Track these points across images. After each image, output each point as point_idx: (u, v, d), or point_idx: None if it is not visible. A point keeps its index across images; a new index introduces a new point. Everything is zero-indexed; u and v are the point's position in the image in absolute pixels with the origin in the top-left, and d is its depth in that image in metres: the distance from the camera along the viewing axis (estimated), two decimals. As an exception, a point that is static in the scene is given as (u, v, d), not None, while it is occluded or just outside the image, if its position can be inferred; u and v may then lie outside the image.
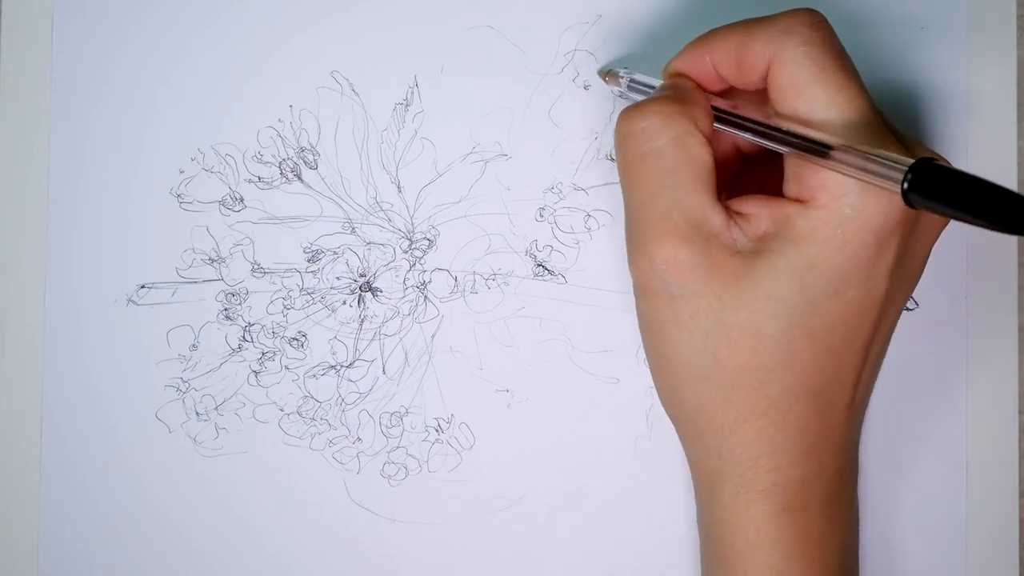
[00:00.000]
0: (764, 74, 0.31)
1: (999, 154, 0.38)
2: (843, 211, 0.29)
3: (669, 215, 0.30)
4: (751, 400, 0.30)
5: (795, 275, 0.29)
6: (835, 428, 0.31)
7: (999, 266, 0.38)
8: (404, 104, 0.38)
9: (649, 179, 0.31)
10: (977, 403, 0.37)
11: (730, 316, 0.30)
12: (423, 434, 0.38)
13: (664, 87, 0.33)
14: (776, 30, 0.30)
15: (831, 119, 0.29)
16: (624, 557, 0.37)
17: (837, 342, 0.30)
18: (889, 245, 0.30)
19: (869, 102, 0.30)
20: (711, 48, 0.32)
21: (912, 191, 0.26)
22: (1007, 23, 0.38)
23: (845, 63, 0.30)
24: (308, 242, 0.38)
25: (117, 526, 0.38)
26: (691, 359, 0.31)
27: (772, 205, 0.30)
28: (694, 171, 0.30)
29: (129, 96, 0.38)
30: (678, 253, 0.30)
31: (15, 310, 0.38)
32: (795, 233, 0.29)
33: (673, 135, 0.30)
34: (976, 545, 0.37)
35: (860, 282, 0.30)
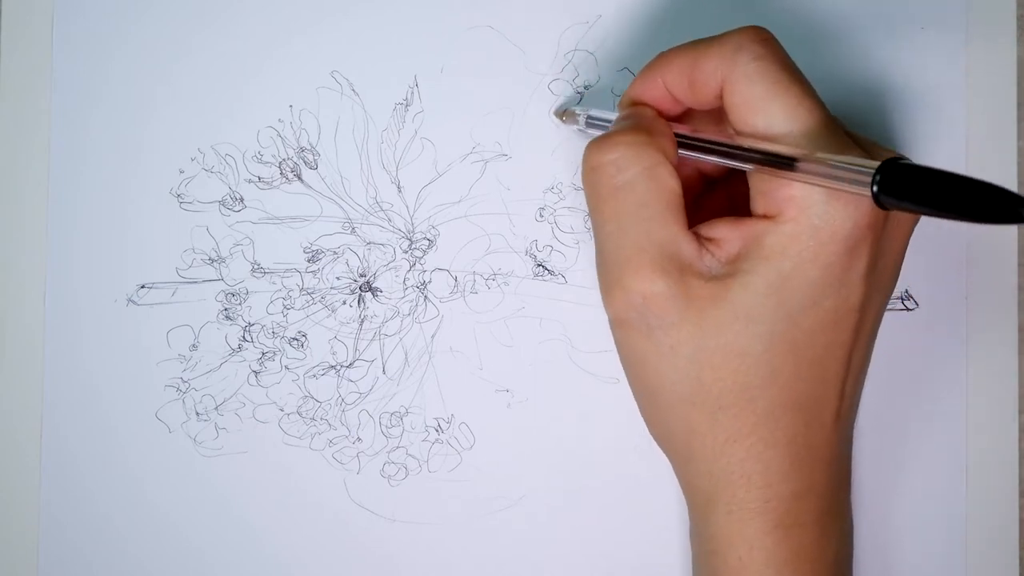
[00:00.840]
0: (718, 93, 0.31)
1: (999, 154, 0.38)
2: (812, 222, 0.29)
3: (643, 248, 0.30)
4: (739, 420, 0.30)
5: (771, 292, 0.29)
6: (824, 441, 0.31)
7: (999, 266, 0.38)
8: (404, 104, 0.38)
9: (621, 212, 0.31)
10: (977, 403, 0.37)
11: (711, 341, 0.30)
12: (423, 434, 0.38)
13: (625, 117, 0.33)
14: (726, 48, 0.30)
15: (791, 131, 0.29)
16: (624, 557, 0.37)
17: (819, 353, 0.30)
18: (861, 251, 0.30)
19: (826, 111, 0.30)
20: (663, 71, 0.32)
21: (882, 192, 0.26)
22: (1007, 23, 0.38)
23: (797, 75, 0.30)
24: (308, 242, 0.38)
25: (117, 526, 0.38)
26: (675, 386, 0.31)
27: (740, 226, 0.30)
28: (665, 202, 0.30)
29: (129, 96, 0.38)
30: (655, 285, 0.30)
31: (15, 310, 0.38)
32: (766, 250, 0.29)
33: (643, 166, 0.31)
34: (976, 545, 0.37)
35: (835, 291, 0.30)
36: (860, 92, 0.38)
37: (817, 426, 0.31)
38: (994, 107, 0.38)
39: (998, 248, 0.38)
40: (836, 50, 0.38)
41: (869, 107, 0.38)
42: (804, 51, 0.38)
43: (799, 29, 0.38)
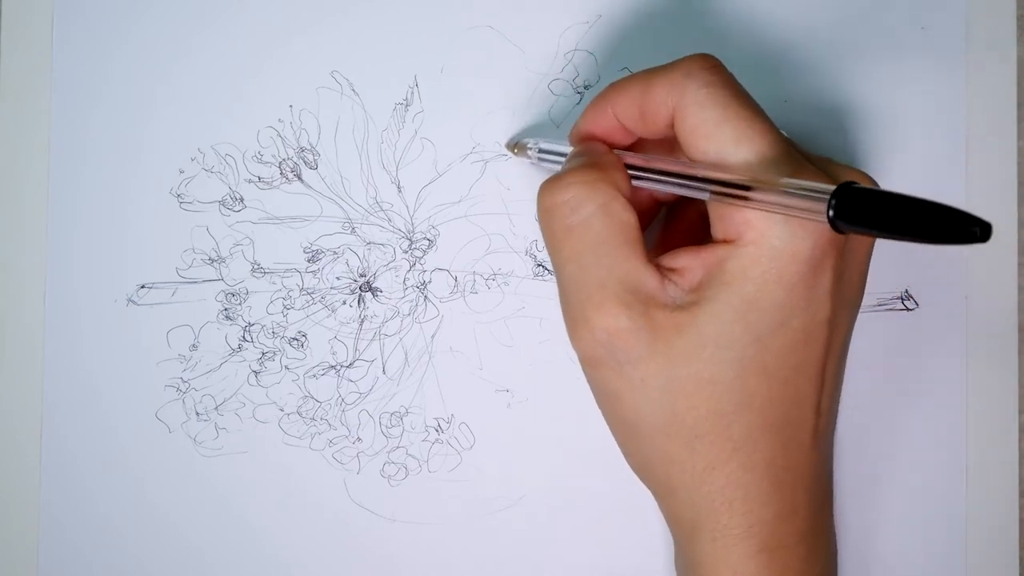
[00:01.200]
0: (669, 121, 0.31)
1: (999, 154, 0.38)
2: (772, 244, 0.29)
3: (604, 284, 0.30)
4: (716, 447, 0.30)
5: (737, 316, 0.29)
6: (803, 460, 0.31)
7: (999, 266, 0.38)
8: (404, 104, 0.38)
9: (579, 251, 0.31)
10: (977, 403, 0.37)
11: (681, 370, 0.30)
12: (423, 434, 0.38)
13: (576, 154, 0.33)
14: (674, 77, 0.30)
15: (744, 156, 0.29)
16: (624, 557, 0.37)
17: (791, 374, 0.30)
18: (824, 269, 0.30)
19: (778, 133, 0.30)
20: (613, 102, 0.32)
21: (838, 217, 0.26)
22: (1007, 23, 0.38)
23: (747, 100, 0.30)
24: (308, 242, 0.38)
25: (117, 526, 0.38)
26: (650, 418, 0.30)
27: (702, 253, 0.30)
28: (623, 236, 0.30)
29: (129, 96, 0.38)
30: (619, 321, 0.30)
31: (15, 310, 0.38)
32: (729, 275, 0.29)
33: (598, 204, 0.31)
34: (976, 545, 0.37)
35: (802, 310, 0.30)
36: (860, 92, 0.38)
37: (795, 447, 0.31)
38: (994, 107, 0.38)
39: (998, 248, 0.38)
40: (836, 50, 0.38)
41: (868, 108, 0.38)
42: (804, 50, 0.38)
43: (799, 28, 0.38)
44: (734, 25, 0.38)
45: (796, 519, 0.31)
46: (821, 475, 0.32)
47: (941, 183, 0.38)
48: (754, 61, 0.38)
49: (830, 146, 0.38)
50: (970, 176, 0.38)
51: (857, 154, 0.38)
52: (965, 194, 0.38)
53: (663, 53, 0.38)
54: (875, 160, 0.38)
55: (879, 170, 0.38)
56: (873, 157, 0.38)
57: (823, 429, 0.32)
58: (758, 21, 0.38)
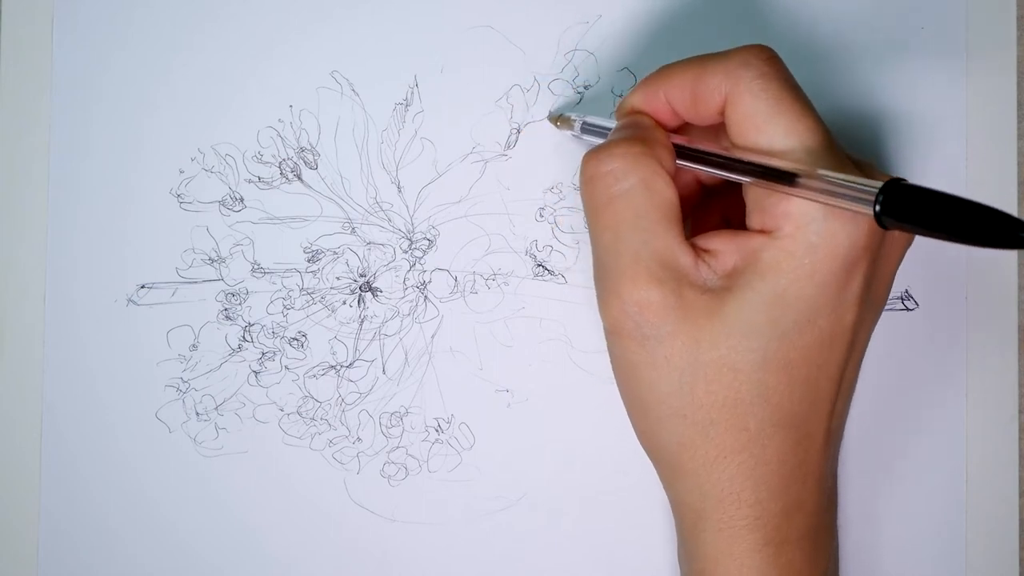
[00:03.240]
0: (719, 108, 0.31)
1: (999, 154, 0.38)
2: (809, 239, 0.29)
3: (640, 257, 0.30)
4: (730, 435, 0.30)
5: (766, 307, 0.29)
6: (813, 459, 0.31)
7: (999, 266, 0.38)
8: (404, 104, 0.38)
9: (618, 222, 0.31)
10: (977, 403, 0.37)
11: (705, 354, 0.30)
12: (423, 434, 0.38)
13: (623, 126, 0.33)
14: (731, 64, 0.30)
15: (792, 148, 0.29)
16: (624, 557, 0.37)
17: (812, 372, 0.30)
18: (857, 271, 0.30)
19: (827, 130, 0.30)
20: (666, 84, 0.32)
21: (885, 213, 0.26)
22: (1007, 23, 0.38)
23: (799, 94, 0.30)
24: (308, 242, 0.38)
25: (117, 526, 0.38)
26: (667, 399, 0.30)
27: (738, 239, 0.30)
28: (662, 212, 0.30)
29: (129, 96, 0.38)
30: (650, 295, 0.30)
31: (15, 310, 0.38)
32: (763, 265, 0.29)
33: (640, 176, 0.31)
34: (976, 545, 0.37)
35: (831, 310, 0.30)
36: (860, 92, 0.38)
37: (808, 444, 0.31)
38: (994, 107, 0.38)
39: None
40: (836, 50, 0.38)
41: (868, 107, 0.38)
42: (804, 50, 0.38)
43: (799, 28, 0.38)
44: (734, 25, 0.38)
45: (803, 515, 0.31)
46: (829, 474, 0.32)
47: (941, 183, 0.38)
48: (754, 61, 0.38)
49: (830, 146, 0.38)
50: (970, 176, 0.38)
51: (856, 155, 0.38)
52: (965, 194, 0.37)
53: (663, 53, 0.38)
54: (875, 160, 0.37)
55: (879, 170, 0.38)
56: (873, 157, 0.38)
57: (835, 431, 0.32)
58: (758, 21, 0.38)
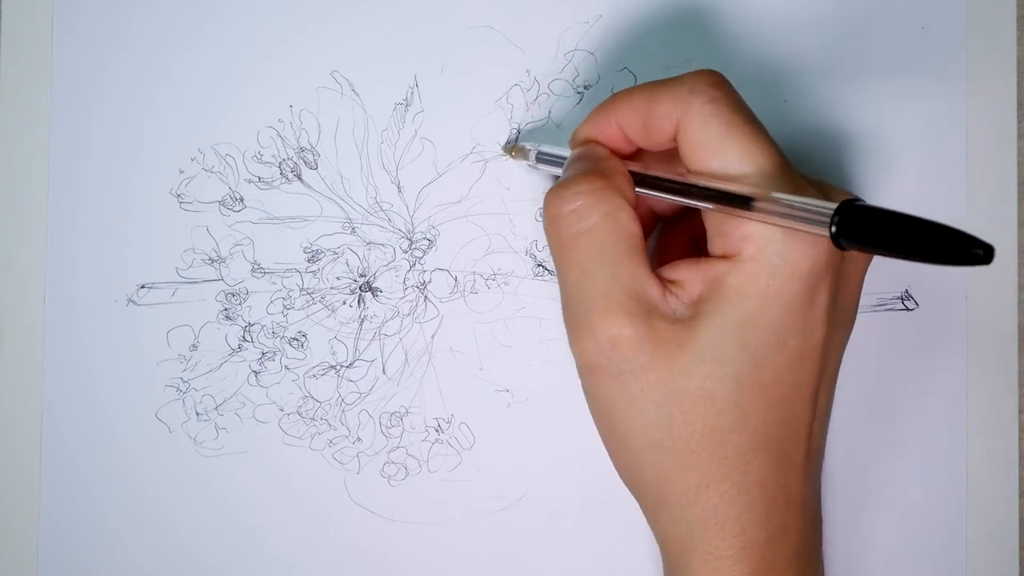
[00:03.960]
0: (672, 135, 0.31)
1: (999, 154, 0.38)
2: (771, 261, 0.29)
3: (609, 292, 0.30)
4: (711, 464, 0.30)
5: (735, 332, 0.29)
6: (794, 483, 0.31)
7: (999, 266, 0.38)
8: (404, 104, 0.38)
9: (585, 259, 0.31)
10: (977, 403, 0.37)
11: (680, 384, 0.30)
12: (423, 434, 0.38)
13: (579, 157, 0.33)
14: (680, 91, 0.30)
15: (746, 172, 0.29)
16: (624, 557, 0.37)
17: (786, 393, 0.30)
18: (821, 288, 0.30)
19: (779, 152, 0.30)
20: (617, 112, 0.32)
21: (840, 234, 0.26)
22: (1007, 23, 0.38)
23: (750, 116, 0.30)
24: (308, 242, 0.38)
25: (117, 526, 0.38)
26: (646, 431, 0.30)
27: (701, 267, 0.30)
28: (628, 245, 0.31)
29: (129, 96, 0.38)
30: (622, 329, 0.30)
31: (15, 310, 0.38)
32: (728, 291, 0.29)
33: (604, 212, 0.31)
34: (976, 545, 0.37)
35: (799, 330, 0.30)
36: (860, 92, 0.38)
37: (788, 468, 0.31)
38: (994, 107, 0.38)
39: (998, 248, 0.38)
40: (836, 50, 0.38)
41: (868, 107, 0.38)
42: (804, 50, 0.38)
43: (799, 28, 0.38)
44: (734, 24, 0.38)
45: (787, 542, 0.31)
46: (811, 498, 0.32)
47: (941, 183, 0.38)
48: (754, 60, 0.38)
49: (829, 147, 0.38)
50: (970, 176, 0.38)
51: (857, 155, 0.38)
52: (965, 194, 0.38)
53: (663, 53, 0.38)
54: (875, 161, 0.38)
55: (879, 171, 0.38)
56: (873, 157, 0.38)
57: (814, 453, 0.32)
58: (758, 20, 0.38)
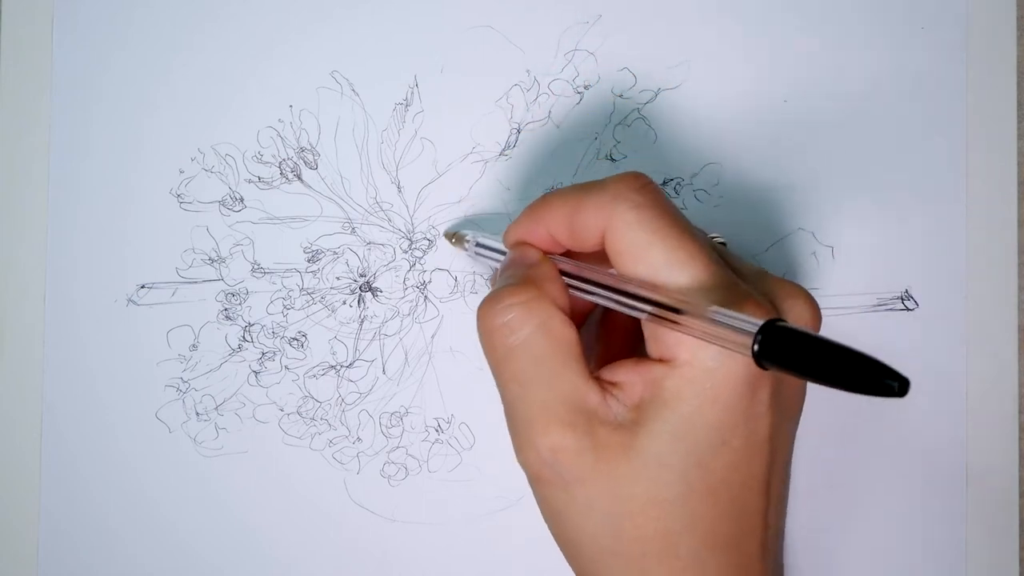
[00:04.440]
0: (599, 240, 0.31)
1: (999, 154, 0.38)
2: (707, 365, 0.29)
3: (547, 405, 0.30)
4: (664, 566, 0.30)
5: (677, 437, 0.29)
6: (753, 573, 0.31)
7: (999, 266, 0.38)
8: (404, 104, 0.38)
9: (521, 371, 0.30)
10: (977, 403, 0.37)
11: (626, 490, 0.29)
12: (423, 434, 0.38)
13: (511, 264, 0.33)
14: (604, 197, 0.30)
15: (675, 280, 0.29)
16: (624, 557, 0.37)
17: (736, 491, 0.30)
18: (762, 386, 0.29)
19: (709, 255, 0.29)
20: (545, 217, 0.32)
21: (762, 356, 0.26)
22: (1007, 23, 0.38)
23: (678, 221, 0.30)
24: (308, 242, 0.38)
25: (117, 526, 0.38)
26: (597, 539, 0.30)
27: (641, 368, 0.30)
28: (564, 354, 0.30)
29: (129, 96, 0.38)
30: (564, 440, 0.30)
31: (15, 310, 0.38)
32: (666, 395, 0.29)
33: (536, 323, 0.30)
34: (976, 545, 0.37)
35: (742, 428, 0.29)
36: (860, 92, 0.38)
37: (745, 562, 0.30)
38: (994, 107, 0.38)
39: (998, 248, 0.38)
40: (836, 49, 0.38)
41: (868, 107, 0.38)
42: (804, 50, 0.38)
43: (799, 27, 0.38)
44: (734, 23, 0.38)
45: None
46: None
47: (941, 183, 0.38)
48: (754, 60, 0.38)
49: (829, 146, 0.38)
50: (970, 176, 0.38)
51: (857, 154, 0.38)
52: (965, 194, 0.38)
53: (663, 53, 0.38)
54: (874, 160, 0.38)
55: (879, 170, 0.38)
56: (872, 158, 0.38)
57: (772, 541, 0.32)
58: (757, 20, 0.38)
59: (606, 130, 0.38)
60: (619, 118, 0.38)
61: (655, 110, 0.38)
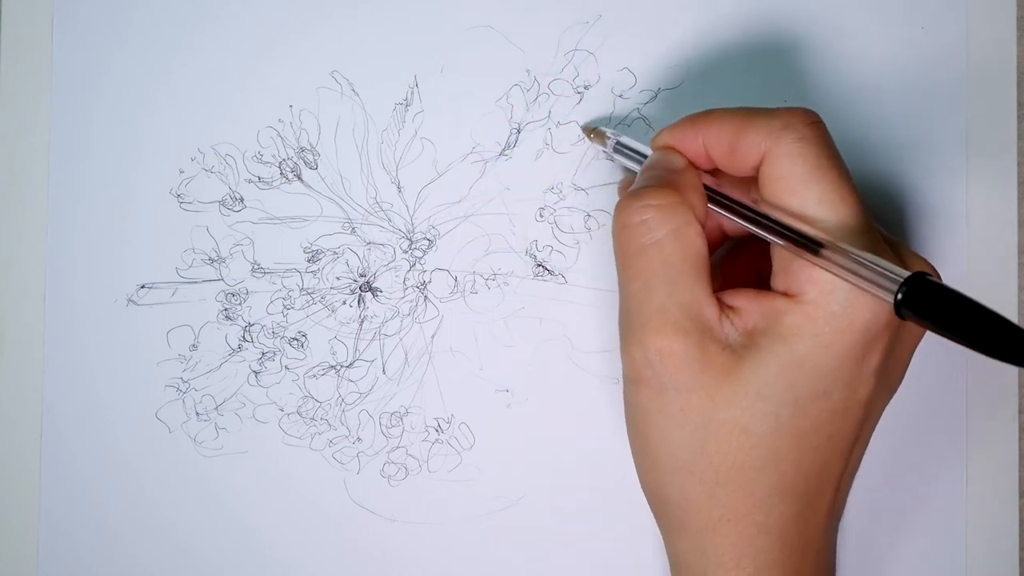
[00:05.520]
0: (755, 164, 0.31)
1: (999, 154, 0.38)
2: (832, 308, 0.29)
3: (666, 307, 0.30)
4: (736, 499, 0.30)
5: (783, 372, 0.29)
6: (815, 531, 0.31)
7: (999, 267, 0.38)
8: (404, 104, 0.38)
9: (647, 271, 0.31)
10: (977, 403, 0.37)
11: (720, 412, 0.30)
12: (423, 434, 0.38)
13: (656, 164, 0.33)
14: (774, 123, 0.30)
15: (822, 217, 0.29)
16: (623, 557, 0.37)
17: (822, 443, 0.30)
18: (876, 347, 0.30)
19: (861, 204, 0.30)
20: (706, 129, 0.32)
21: (905, 305, 0.26)
22: (1007, 23, 0.38)
23: (839, 164, 0.30)
24: (308, 242, 0.38)
25: (117, 526, 0.38)
26: (677, 452, 0.30)
27: (761, 299, 0.30)
28: (692, 263, 0.30)
29: (129, 96, 0.38)
30: (673, 345, 0.30)
31: (15, 310, 0.38)
32: (784, 329, 0.29)
33: (672, 227, 0.30)
34: (976, 545, 0.37)
35: (846, 383, 0.30)
36: (860, 92, 0.38)
37: (811, 516, 0.31)
38: (994, 107, 0.38)
39: (998, 248, 0.38)
40: (836, 49, 0.38)
41: (868, 108, 0.38)
42: (803, 50, 0.38)
43: (799, 26, 0.38)
44: (734, 22, 0.38)
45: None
46: (828, 548, 0.32)
47: (941, 184, 0.38)
48: (753, 60, 0.38)
49: (830, 146, 0.38)
50: (970, 176, 0.38)
51: (856, 154, 0.38)
52: (965, 194, 0.38)
53: (663, 53, 0.38)
54: (874, 162, 0.38)
55: (878, 170, 0.38)
56: (872, 158, 0.38)
57: (837, 507, 0.32)
58: (758, 20, 0.38)
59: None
60: (619, 118, 0.38)
61: (655, 110, 0.38)
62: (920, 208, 0.38)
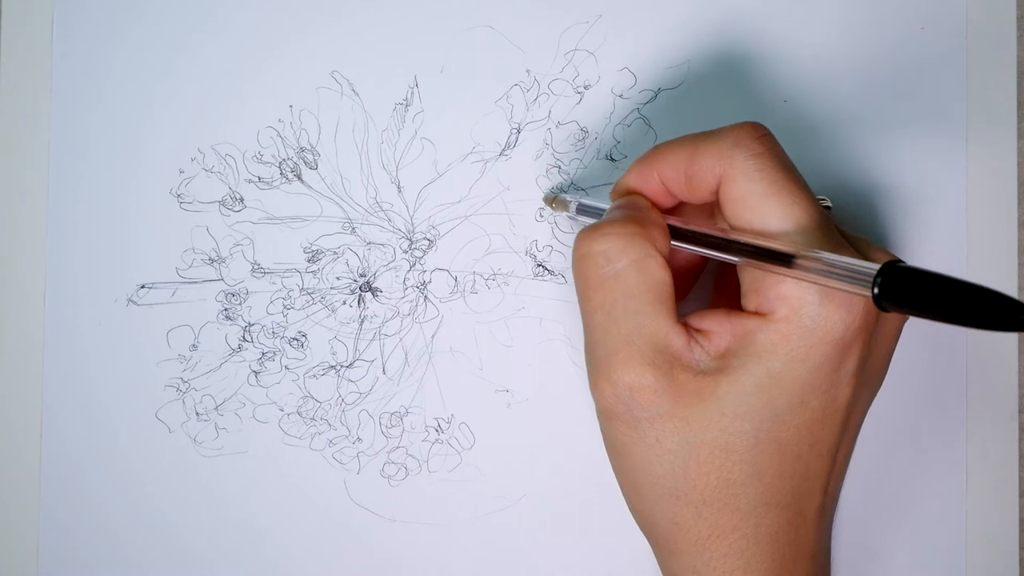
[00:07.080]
0: (713, 188, 0.31)
1: (999, 154, 0.38)
2: (803, 323, 0.29)
3: (631, 340, 0.30)
4: (723, 516, 0.30)
5: (759, 390, 0.29)
6: (806, 536, 0.31)
7: (999, 267, 0.38)
8: (404, 104, 0.38)
9: (610, 303, 0.30)
10: (977, 403, 0.37)
11: (697, 436, 0.30)
12: (423, 434, 0.38)
13: (619, 206, 0.33)
14: (723, 145, 0.30)
15: (786, 229, 0.29)
16: (623, 557, 0.37)
17: (804, 451, 0.30)
18: (851, 353, 0.30)
19: (820, 209, 0.30)
20: (659, 165, 0.32)
21: (883, 296, 0.26)
22: (1007, 23, 0.38)
23: (793, 173, 0.30)
24: (308, 242, 0.38)
25: (117, 526, 0.38)
26: (660, 480, 0.30)
27: (732, 320, 0.30)
28: (655, 294, 0.30)
29: (129, 96, 0.38)
30: (642, 378, 0.30)
31: (15, 310, 0.38)
32: (757, 348, 0.29)
33: (633, 257, 0.30)
34: (976, 545, 0.37)
35: (824, 391, 0.30)
36: (860, 92, 0.38)
37: (800, 523, 0.31)
38: (994, 108, 0.38)
39: (998, 248, 0.38)
40: (835, 50, 0.38)
41: (868, 107, 0.38)
42: (803, 50, 0.38)
43: (798, 27, 0.38)
44: (734, 25, 0.38)
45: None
46: (821, 552, 0.32)
47: (940, 184, 0.38)
48: (753, 60, 0.38)
49: (828, 146, 0.38)
50: (970, 176, 0.38)
51: (855, 154, 0.38)
52: (965, 194, 0.38)
53: (663, 53, 0.38)
54: (874, 162, 0.38)
55: (878, 170, 0.38)
56: (872, 158, 0.38)
57: (827, 508, 0.32)
58: (758, 21, 0.38)
59: (606, 130, 0.38)
60: (619, 118, 0.38)
61: (655, 110, 0.38)
62: (920, 208, 0.38)
